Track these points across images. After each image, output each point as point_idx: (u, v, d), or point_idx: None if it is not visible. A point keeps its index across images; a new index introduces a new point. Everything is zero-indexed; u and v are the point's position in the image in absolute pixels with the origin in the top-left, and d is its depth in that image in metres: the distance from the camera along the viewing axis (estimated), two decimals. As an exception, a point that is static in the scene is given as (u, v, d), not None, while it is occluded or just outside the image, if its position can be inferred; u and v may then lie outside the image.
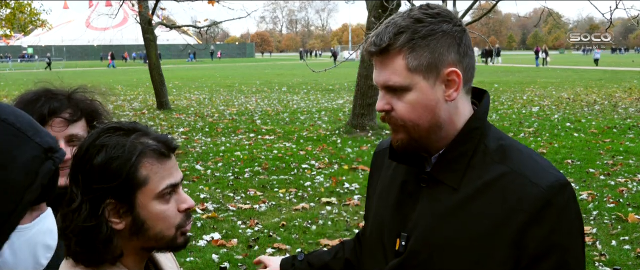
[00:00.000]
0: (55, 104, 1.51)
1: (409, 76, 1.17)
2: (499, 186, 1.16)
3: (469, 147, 1.21)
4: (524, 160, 1.19)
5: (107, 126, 1.14)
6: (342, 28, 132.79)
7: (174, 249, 1.19)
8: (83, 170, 1.10)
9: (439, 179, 1.22)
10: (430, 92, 1.17)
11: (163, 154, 1.13)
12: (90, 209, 1.09)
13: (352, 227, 5.46)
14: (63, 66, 52.45)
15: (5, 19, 23.12)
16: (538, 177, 1.15)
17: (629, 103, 15.81)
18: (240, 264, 4.59)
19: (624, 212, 5.74)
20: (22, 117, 0.90)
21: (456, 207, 1.19)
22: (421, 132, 1.20)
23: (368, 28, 10.12)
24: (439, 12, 1.18)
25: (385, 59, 1.18)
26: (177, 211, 1.15)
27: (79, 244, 1.10)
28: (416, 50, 1.16)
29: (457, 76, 1.17)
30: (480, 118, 1.23)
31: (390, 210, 1.31)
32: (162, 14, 18.07)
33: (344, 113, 14.36)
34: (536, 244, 1.13)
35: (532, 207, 1.12)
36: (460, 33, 1.18)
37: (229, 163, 8.40)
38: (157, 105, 16.11)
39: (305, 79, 29.24)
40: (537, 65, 42.87)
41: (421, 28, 1.16)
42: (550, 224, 1.13)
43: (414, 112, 1.19)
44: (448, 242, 1.19)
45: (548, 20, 63.75)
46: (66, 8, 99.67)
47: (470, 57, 1.21)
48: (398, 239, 1.26)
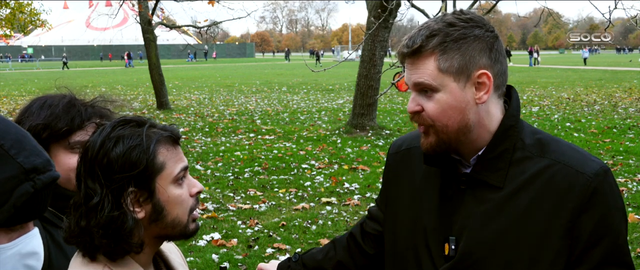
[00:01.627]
0: (90, 111, 1.52)
1: (439, 77, 1.19)
2: (545, 179, 1.19)
3: (508, 144, 1.23)
4: (565, 151, 1.22)
5: (116, 120, 1.19)
6: (342, 28, 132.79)
7: (186, 236, 1.24)
8: (101, 164, 1.13)
9: (482, 179, 1.24)
10: (460, 94, 1.20)
11: (174, 141, 1.21)
12: (113, 200, 1.12)
13: (351, 227, 5.45)
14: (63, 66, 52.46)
15: (5, 19, 23.10)
16: (582, 166, 1.18)
17: (629, 103, 15.81)
18: (240, 264, 4.59)
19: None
20: (8, 134, 0.85)
21: (503, 204, 1.20)
22: (450, 133, 1.22)
23: (368, 28, 10.11)
24: (472, 17, 1.20)
25: (417, 60, 1.21)
26: (189, 195, 1.22)
27: (104, 237, 1.12)
28: (448, 52, 1.18)
29: (488, 79, 1.20)
30: (514, 115, 1.25)
31: (432, 215, 1.30)
32: (162, 15, 18.04)
33: (344, 113, 14.36)
34: (588, 231, 1.16)
35: (582, 196, 1.15)
36: (493, 39, 1.21)
37: (229, 163, 8.40)
38: (157, 105, 16.11)
39: (305, 79, 29.25)
40: (531, 65, 43.04)
41: (453, 31, 1.18)
42: (600, 211, 1.16)
43: (443, 113, 1.21)
44: (500, 240, 1.20)
45: (548, 20, 63.89)
46: (66, 8, 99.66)
47: (501, 64, 1.22)
48: (446, 243, 1.26)
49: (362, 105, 10.90)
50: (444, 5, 8.57)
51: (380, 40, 10.33)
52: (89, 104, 1.55)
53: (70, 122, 1.45)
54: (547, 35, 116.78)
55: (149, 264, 1.25)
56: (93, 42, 63.15)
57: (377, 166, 8.00)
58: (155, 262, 1.31)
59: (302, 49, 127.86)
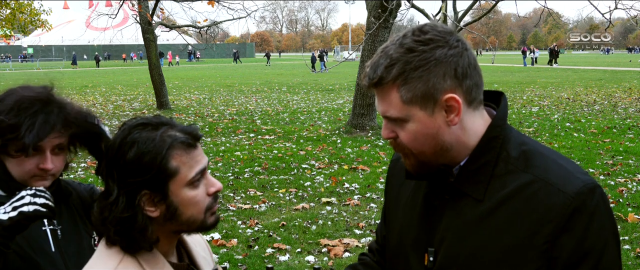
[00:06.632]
0: (53, 119, 1.53)
1: (405, 108, 1.15)
2: (525, 196, 1.14)
3: (490, 157, 1.19)
4: (549, 166, 1.16)
5: (136, 122, 1.21)
6: (342, 28, 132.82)
7: (206, 229, 1.27)
8: (117, 166, 1.17)
9: (463, 190, 1.20)
10: (429, 121, 1.16)
11: (190, 145, 1.22)
12: (126, 201, 1.17)
13: (352, 227, 5.46)
14: (62, 66, 52.50)
15: (6, 19, 23.11)
16: (565, 184, 1.12)
17: (629, 103, 15.81)
18: (240, 264, 4.59)
19: (623, 212, 5.74)
20: None
21: (482, 219, 1.17)
22: (429, 157, 1.20)
23: (368, 28, 10.12)
24: (431, 37, 1.13)
25: (380, 91, 1.17)
26: (206, 195, 1.24)
27: (117, 234, 1.18)
28: (409, 82, 1.13)
29: (456, 102, 1.14)
30: (499, 125, 1.21)
31: (415, 223, 1.29)
32: (162, 15, 18.04)
33: (344, 113, 14.36)
34: (568, 252, 1.11)
35: (561, 216, 1.10)
36: (456, 57, 1.13)
37: (229, 163, 8.40)
38: (157, 105, 16.11)
39: (305, 79, 29.25)
40: (524, 65, 43.00)
41: (413, 58, 1.12)
42: (581, 231, 1.11)
43: (416, 141, 1.18)
44: (477, 255, 1.17)
45: (548, 20, 63.84)
46: (66, 8, 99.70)
47: (471, 77, 1.16)
48: (426, 254, 1.25)
49: (362, 105, 10.90)
50: (443, 5, 8.59)
51: (380, 40, 10.32)
52: (58, 106, 1.56)
53: (36, 136, 1.49)
54: (547, 35, 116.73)
55: (171, 254, 1.30)
56: (93, 42, 63.09)
57: (377, 166, 8.00)
58: (179, 251, 1.36)
59: (302, 49, 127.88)
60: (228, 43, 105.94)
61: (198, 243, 1.44)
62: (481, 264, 1.17)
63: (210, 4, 14.76)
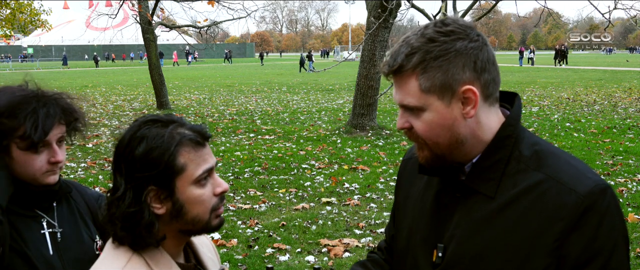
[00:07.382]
0: (53, 111, 1.54)
1: (423, 97, 1.16)
2: (536, 194, 1.15)
3: (502, 155, 1.20)
4: (561, 166, 1.17)
5: (146, 119, 1.22)
6: (342, 28, 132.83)
7: (210, 230, 1.27)
8: (126, 161, 1.19)
9: (474, 188, 1.21)
10: (446, 111, 1.16)
11: (199, 143, 1.23)
12: (133, 195, 1.18)
13: (352, 227, 5.46)
14: (62, 66, 52.50)
15: (6, 19, 23.12)
16: (576, 184, 1.13)
17: (629, 103, 15.81)
18: (240, 264, 4.59)
19: (623, 212, 5.73)
20: None
21: (493, 216, 1.17)
22: (443, 148, 1.20)
23: (368, 28, 10.12)
24: (453, 29, 1.15)
25: (399, 79, 1.18)
26: (213, 195, 1.24)
27: (124, 229, 1.19)
28: (428, 71, 1.14)
29: (474, 94, 1.15)
30: (512, 125, 1.21)
31: (425, 220, 1.30)
32: (162, 15, 18.04)
33: (344, 113, 14.36)
34: (578, 251, 1.11)
35: (572, 215, 1.11)
36: (476, 49, 1.15)
37: (229, 163, 8.41)
38: (157, 105, 16.11)
39: (305, 79, 29.25)
40: (521, 65, 43.13)
41: (434, 48, 1.14)
42: (591, 231, 1.11)
43: (432, 131, 1.18)
44: (485, 252, 1.17)
45: (548, 20, 63.86)
46: (66, 8, 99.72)
47: (489, 72, 1.17)
48: (435, 250, 1.25)
49: (362, 105, 10.90)
50: (443, 5, 8.58)
51: (380, 40, 10.33)
52: (53, 99, 1.57)
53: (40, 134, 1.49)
54: (547, 35, 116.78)
55: (178, 254, 1.30)
56: (93, 42, 63.14)
57: (377, 166, 8.00)
58: (186, 252, 1.36)
59: (302, 49, 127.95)
60: (228, 43, 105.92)
61: (204, 244, 1.44)
62: (490, 261, 1.17)
63: (210, 3, 14.77)
